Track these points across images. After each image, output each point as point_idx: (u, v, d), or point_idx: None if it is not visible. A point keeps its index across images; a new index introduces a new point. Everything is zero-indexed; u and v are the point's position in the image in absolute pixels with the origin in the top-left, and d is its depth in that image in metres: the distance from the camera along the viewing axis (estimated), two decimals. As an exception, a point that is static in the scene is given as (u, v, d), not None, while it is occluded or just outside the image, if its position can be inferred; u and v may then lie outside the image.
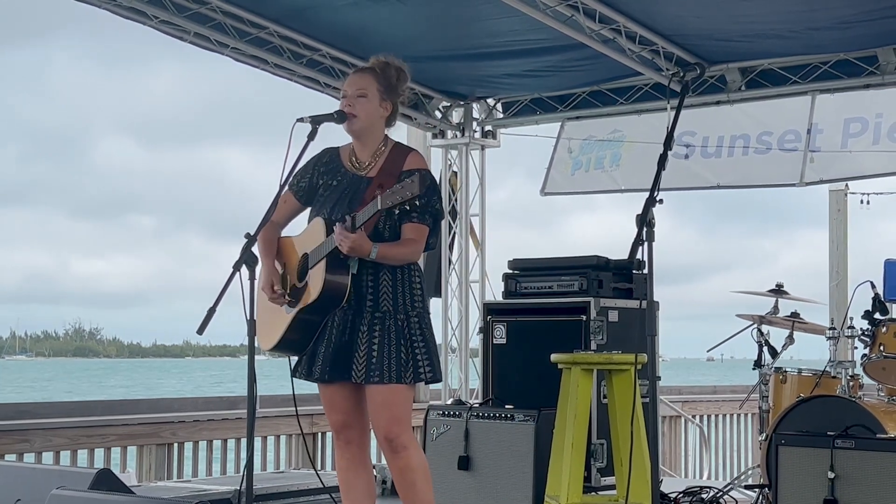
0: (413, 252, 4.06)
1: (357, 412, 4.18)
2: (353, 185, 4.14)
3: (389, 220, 4.01)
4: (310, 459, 7.55)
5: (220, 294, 3.73)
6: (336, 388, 4.12)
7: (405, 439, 4.05)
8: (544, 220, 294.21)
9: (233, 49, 7.28)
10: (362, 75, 4.24)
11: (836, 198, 10.21)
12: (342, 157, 4.25)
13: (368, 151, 4.19)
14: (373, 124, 4.18)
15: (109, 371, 77.58)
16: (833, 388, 5.79)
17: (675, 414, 9.26)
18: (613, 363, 4.99)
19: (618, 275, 6.14)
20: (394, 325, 4.02)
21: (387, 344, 4.00)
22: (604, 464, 5.75)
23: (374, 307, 4.04)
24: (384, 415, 4.03)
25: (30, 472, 4.72)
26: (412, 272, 4.11)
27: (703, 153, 8.19)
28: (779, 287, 6.37)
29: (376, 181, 4.06)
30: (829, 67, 7.13)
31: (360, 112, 4.14)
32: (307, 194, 4.26)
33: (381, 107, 4.18)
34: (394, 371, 3.99)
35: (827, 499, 4.84)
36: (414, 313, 4.08)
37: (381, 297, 4.04)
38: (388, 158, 4.16)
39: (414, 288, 4.10)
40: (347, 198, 4.10)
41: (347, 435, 4.19)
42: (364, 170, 4.17)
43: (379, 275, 4.05)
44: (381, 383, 3.99)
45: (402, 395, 4.03)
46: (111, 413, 7.06)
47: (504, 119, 8.57)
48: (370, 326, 4.02)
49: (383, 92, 4.19)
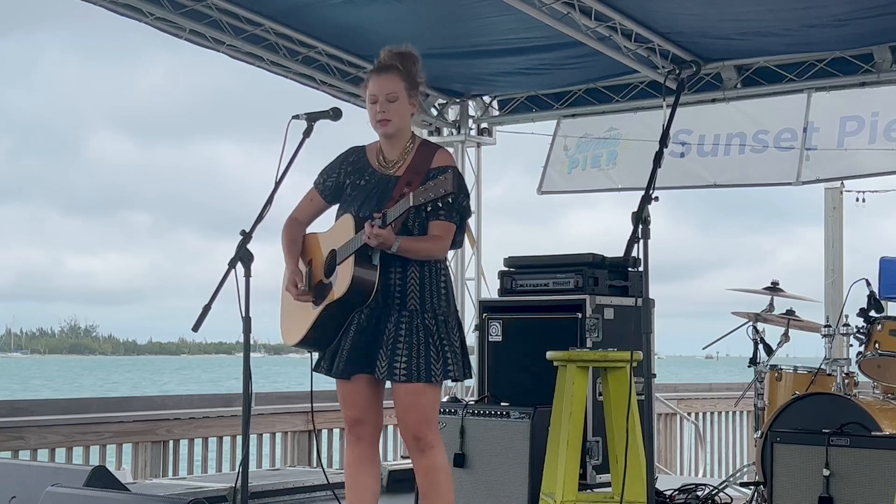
0: (438, 248, 4.04)
1: (371, 409, 4.15)
2: (382, 184, 4.12)
3: (418, 218, 3.99)
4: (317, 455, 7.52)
5: (215, 291, 3.72)
6: (353, 385, 4.09)
7: (432, 439, 4.06)
8: (541, 217, 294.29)
9: (228, 46, 7.28)
10: (389, 77, 4.14)
11: (831, 196, 10.22)
12: (369, 155, 4.23)
13: (397, 150, 4.17)
14: (405, 124, 4.17)
15: (108, 368, 77.54)
16: (828, 385, 5.79)
17: (671, 411, 9.27)
18: (609, 361, 4.99)
19: (613, 272, 6.14)
20: (421, 324, 4.00)
21: (415, 343, 3.98)
22: (599, 461, 5.75)
23: (402, 305, 4.02)
24: (412, 415, 4.02)
25: (25, 470, 4.71)
26: (440, 271, 4.09)
27: (699, 152, 8.19)
28: (774, 285, 6.37)
29: (404, 179, 4.04)
30: (825, 65, 7.14)
31: (394, 116, 4.10)
32: (333, 193, 4.25)
33: (410, 105, 4.15)
34: (423, 370, 3.97)
35: (822, 496, 4.85)
36: (440, 311, 4.05)
37: (409, 295, 4.02)
38: (416, 156, 4.13)
39: (440, 286, 4.08)
40: (375, 196, 4.08)
41: (359, 431, 4.17)
42: (392, 168, 4.15)
43: (407, 273, 4.03)
44: (408, 382, 3.97)
45: (430, 395, 4.03)
46: (106, 410, 7.05)
47: (500, 116, 8.57)
48: (397, 324, 4.00)
49: (409, 88, 4.14)
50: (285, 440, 7.81)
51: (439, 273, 4.08)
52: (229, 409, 7.48)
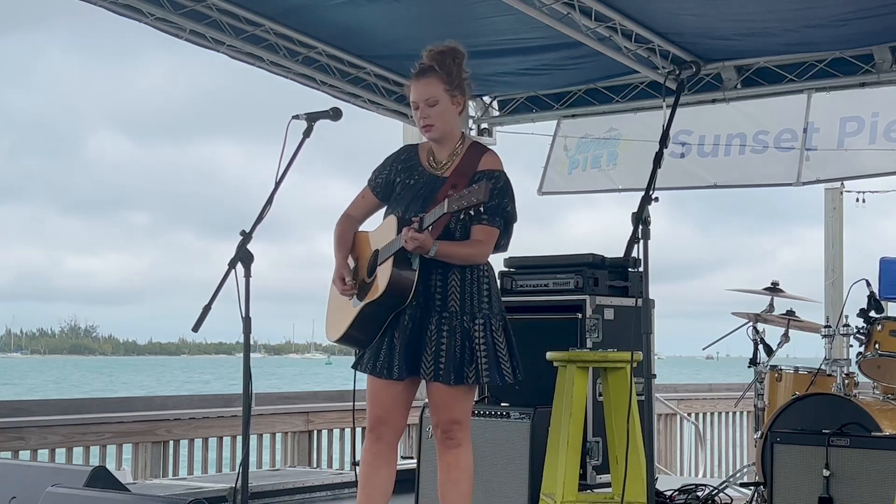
0: (479, 253, 4.04)
1: (397, 411, 4.14)
2: (429, 185, 4.12)
3: (461, 221, 4.00)
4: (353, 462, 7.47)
5: (215, 291, 3.72)
6: (386, 385, 4.08)
7: (461, 437, 4.09)
8: (542, 218, 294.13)
9: (228, 46, 7.28)
10: (427, 81, 4.12)
11: (831, 196, 10.21)
12: (420, 154, 4.23)
13: (446, 150, 4.17)
14: (452, 126, 4.15)
15: (111, 369, 77.50)
16: (828, 386, 5.79)
17: (671, 412, 9.27)
18: (609, 361, 4.99)
19: (613, 273, 6.14)
20: (459, 327, 4.01)
21: (452, 345, 3.99)
22: (599, 462, 5.75)
23: (442, 307, 4.02)
24: (443, 414, 4.06)
25: (25, 470, 4.71)
26: (482, 274, 4.08)
27: (699, 152, 8.19)
28: (774, 285, 6.37)
29: (450, 181, 4.04)
30: (825, 66, 7.14)
31: (436, 121, 4.10)
32: (384, 191, 4.25)
33: (453, 105, 4.12)
34: (458, 372, 3.99)
35: (822, 496, 4.85)
36: (480, 315, 4.04)
37: (450, 297, 4.03)
38: (464, 158, 4.13)
39: (483, 289, 4.07)
40: (422, 197, 4.08)
41: (380, 431, 4.16)
42: (441, 169, 4.15)
43: (448, 276, 4.03)
44: (444, 383, 4.00)
45: (463, 396, 4.05)
46: (106, 410, 7.04)
47: (500, 117, 8.57)
48: (438, 326, 4.01)
49: (450, 89, 4.11)
50: (285, 440, 7.81)
51: (482, 276, 4.08)
52: (229, 409, 7.48)
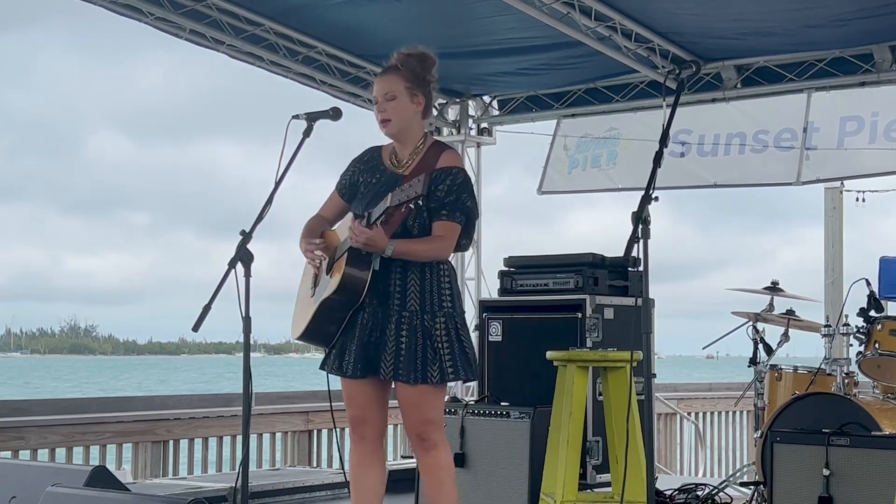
0: (440, 249, 4.03)
1: (375, 409, 4.16)
2: (389, 184, 4.11)
3: (419, 218, 4.00)
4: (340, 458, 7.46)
5: (215, 291, 3.72)
6: (357, 384, 4.10)
7: (436, 438, 4.06)
8: (541, 217, 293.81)
9: (228, 46, 7.28)
10: (387, 77, 4.18)
11: (831, 195, 10.21)
12: (383, 155, 4.25)
13: (408, 149, 4.18)
14: (409, 123, 4.16)
15: (111, 368, 77.51)
16: (828, 385, 5.79)
17: (671, 411, 9.27)
18: (609, 360, 4.99)
19: (613, 272, 6.14)
20: (420, 325, 4.00)
21: (413, 343, 3.98)
22: (599, 461, 5.75)
23: (402, 306, 4.02)
24: (414, 415, 4.04)
25: (25, 470, 4.71)
26: (441, 272, 4.07)
27: (699, 151, 8.18)
28: (774, 284, 6.37)
29: (408, 179, 4.04)
30: (825, 65, 7.14)
31: (392, 115, 4.11)
32: (349, 191, 4.27)
33: (413, 103, 4.14)
34: (420, 371, 3.98)
35: (822, 496, 4.85)
36: (441, 313, 4.04)
37: (409, 296, 4.02)
38: (425, 157, 4.14)
39: (443, 288, 4.07)
40: (382, 195, 4.07)
41: (362, 430, 4.18)
42: (402, 168, 4.16)
43: (407, 274, 4.03)
44: (408, 383, 3.98)
45: (430, 395, 4.02)
46: (106, 410, 7.04)
47: (500, 116, 8.57)
48: (398, 325, 4.00)
49: (411, 87, 4.14)
50: (285, 440, 7.81)
51: (441, 273, 4.07)
52: (229, 408, 7.48)
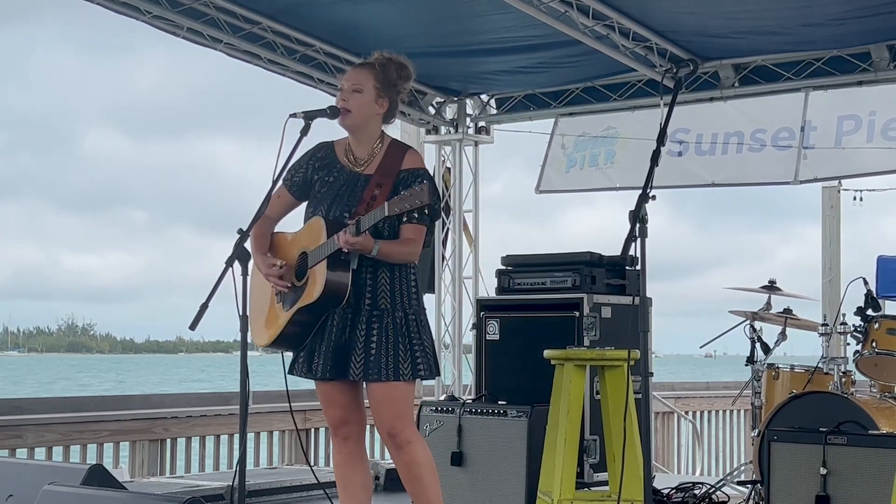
0: (413, 252, 4.07)
1: (354, 408, 4.18)
2: (351, 182, 4.12)
3: (389, 221, 4.00)
4: (304, 455, 7.55)
5: (212, 290, 3.71)
6: (334, 385, 4.12)
7: (408, 434, 4.06)
8: (539, 215, 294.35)
9: (226, 44, 7.27)
10: (360, 70, 4.20)
11: (828, 194, 10.23)
12: (337, 152, 4.22)
13: (365, 148, 4.17)
14: (367, 120, 4.15)
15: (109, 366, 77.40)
16: (825, 384, 5.80)
17: (668, 410, 9.27)
18: (606, 359, 4.99)
19: (611, 271, 6.15)
20: (392, 323, 4.03)
21: (384, 341, 4.01)
22: (596, 460, 5.76)
23: (373, 305, 4.04)
24: (385, 412, 4.03)
25: (22, 468, 4.71)
26: (409, 271, 4.12)
27: (697, 150, 8.18)
28: (771, 283, 6.38)
29: (375, 179, 4.05)
30: (823, 64, 7.14)
31: (353, 107, 4.11)
32: (301, 189, 4.24)
33: (376, 103, 4.14)
34: (391, 368, 3.99)
35: (819, 495, 4.85)
36: (411, 311, 4.09)
37: (380, 295, 4.04)
38: (386, 156, 4.14)
39: (411, 286, 4.11)
40: (346, 195, 4.09)
41: (345, 431, 4.19)
42: (361, 166, 4.15)
43: (377, 273, 4.05)
44: (379, 381, 3.99)
45: (401, 392, 4.03)
46: (103, 409, 7.04)
47: (497, 115, 8.57)
48: (368, 324, 4.02)
49: (380, 88, 4.14)
50: (282, 439, 7.81)
51: (409, 273, 4.12)
52: (226, 407, 7.48)
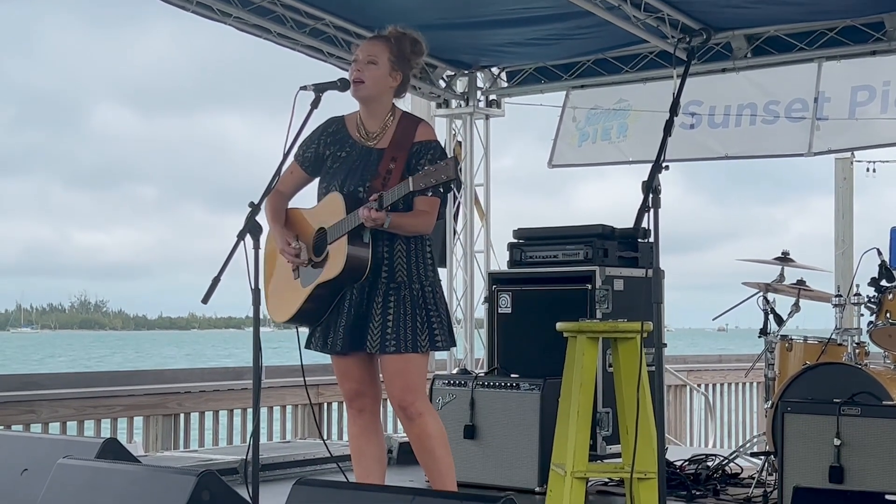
0: (426, 224, 4.07)
1: (370, 381, 4.20)
2: (364, 157, 4.11)
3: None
4: (317, 429, 7.57)
5: (224, 263, 3.71)
6: (350, 358, 4.14)
7: (420, 406, 4.07)
8: (551, 189, 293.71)
9: (235, 18, 7.25)
10: (375, 42, 4.20)
11: (841, 166, 10.18)
12: (349, 126, 4.21)
13: (377, 121, 4.16)
14: (381, 92, 4.15)
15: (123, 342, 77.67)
16: (839, 355, 5.78)
17: (681, 383, 9.27)
18: (619, 331, 4.97)
19: (623, 243, 6.13)
20: (409, 295, 4.04)
21: (402, 313, 4.02)
22: (609, 432, 5.76)
23: (390, 278, 4.04)
24: (397, 383, 4.05)
25: (36, 442, 4.72)
26: (424, 243, 4.13)
27: (710, 123, 8.13)
28: (785, 255, 6.35)
29: (389, 153, 4.05)
30: (836, 34, 7.08)
31: (367, 78, 4.10)
32: (313, 165, 4.23)
33: (390, 76, 4.14)
34: (409, 340, 4.01)
35: (833, 465, 4.84)
36: (427, 283, 4.10)
37: (396, 267, 4.05)
38: (399, 129, 4.13)
39: (427, 258, 4.13)
40: (359, 169, 4.08)
41: (360, 403, 4.21)
42: (373, 140, 4.14)
43: (394, 246, 4.05)
44: (395, 353, 4.00)
45: (414, 363, 4.04)
46: (117, 384, 7.07)
47: (508, 88, 8.53)
48: (385, 297, 4.03)
49: (395, 62, 4.14)
50: (295, 413, 7.84)
51: (424, 245, 4.13)
52: (239, 382, 7.51)
